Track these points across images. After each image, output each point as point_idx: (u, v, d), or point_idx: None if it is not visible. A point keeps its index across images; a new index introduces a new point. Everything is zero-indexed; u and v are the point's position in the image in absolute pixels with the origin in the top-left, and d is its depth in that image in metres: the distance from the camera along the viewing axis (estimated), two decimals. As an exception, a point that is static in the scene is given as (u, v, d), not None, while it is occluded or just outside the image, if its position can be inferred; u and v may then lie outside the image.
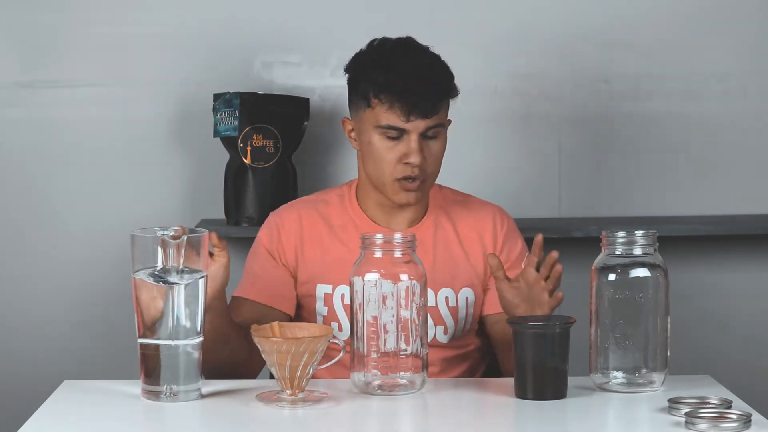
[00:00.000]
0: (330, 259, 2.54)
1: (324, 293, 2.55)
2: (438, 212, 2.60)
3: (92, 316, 3.31)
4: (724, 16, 3.32)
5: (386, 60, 2.48)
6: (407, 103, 2.44)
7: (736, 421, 1.96)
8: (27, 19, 3.28)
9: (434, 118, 2.46)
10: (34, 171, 3.31)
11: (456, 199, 2.64)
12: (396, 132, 2.46)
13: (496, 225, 2.60)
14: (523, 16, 3.30)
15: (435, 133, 2.49)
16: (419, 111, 2.44)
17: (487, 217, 2.61)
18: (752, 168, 3.35)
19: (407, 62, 2.48)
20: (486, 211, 2.63)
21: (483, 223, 2.60)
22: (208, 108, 3.19)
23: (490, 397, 2.25)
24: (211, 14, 3.29)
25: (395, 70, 2.46)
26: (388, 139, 2.47)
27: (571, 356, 2.16)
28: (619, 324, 2.18)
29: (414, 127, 2.45)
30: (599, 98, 3.32)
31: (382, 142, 2.48)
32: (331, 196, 2.62)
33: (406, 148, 2.47)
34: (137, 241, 2.14)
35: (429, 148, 2.48)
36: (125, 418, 2.09)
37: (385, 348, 2.17)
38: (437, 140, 2.50)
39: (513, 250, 2.60)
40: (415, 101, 2.43)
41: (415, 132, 2.46)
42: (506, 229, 2.61)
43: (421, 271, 2.19)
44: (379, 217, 2.58)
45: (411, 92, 2.43)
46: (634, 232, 2.20)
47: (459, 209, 2.62)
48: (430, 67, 2.49)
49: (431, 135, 2.48)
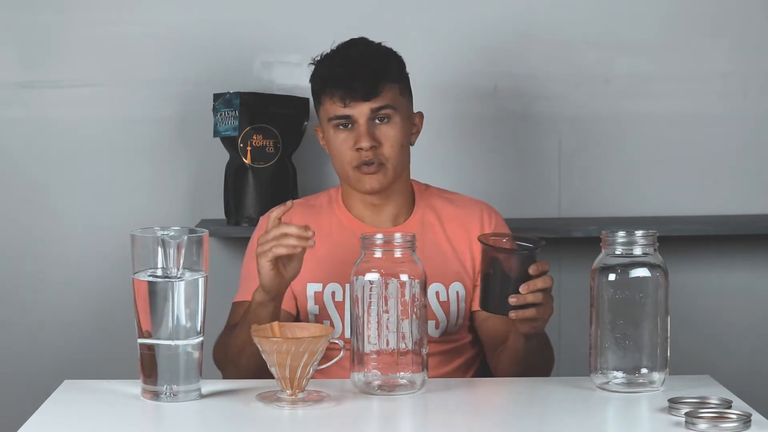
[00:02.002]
0: (319, 257, 2.56)
1: (314, 292, 2.57)
2: (424, 209, 2.63)
3: (92, 316, 3.31)
4: (724, 16, 3.32)
5: (329, 57, 2.59)
6: (343, 88, 2.52)
7: (736, 421, 1.96)
8: (27, 19, 3.28)
9: (377, 101, 2.53)
10: (34, 171, 3.31)
11: (442, 197, 2.66)
12: (344, 120, 2.54)
13: (483, 221, 2.62)
14: (523, 16, 3.30)
15: (385, 115, 2.54)
16: (357, 94, 2.52)
17: (474, 214, 2.63)
18: (752, 168, 3.35)
19: (344, 53, 2.57)
20: (473, 207, 2.65)
21: (470, 219, 2.62)
22: (208, 108, 3.19)
23: (489, 397, 2.25)
24: (211, 14, 3.29)
25: (333, 63, 2.56)
26: (340, 130, 2.55)
27: (571, 356, 2.16)
28: (619, 324, 2.18)
29: (359, 112, 2.53)
30: (599, 98, 3.32)
31: (336, 135, 2.55)
32: (321, 199, 2.68)
33: (356, 134, 2.53)
34: (137, 241, 2.14)
35: (381, 131, 2.54)
36: (125, 418, 2.09)
37: (385, 348, 2.17)
38: (390, 124, 2.55)
39: None
40: (350, 85, 2.51)
41: (361, 117, 2.53)
42: (494, 225, 2.63)
43: (420, 270, 2.19)
44: (365, 215, 2.61)
45: (346, 77, 2.52)
46: (634, 232, 2.20)
47: (446, 206, 2.64)
48: (366, 54, 2.57)
49: (381, 118, 2.54)
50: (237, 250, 3.20)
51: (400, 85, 2.58)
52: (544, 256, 2.31)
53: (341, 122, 2.54)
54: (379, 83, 2.53)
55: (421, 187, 2.67)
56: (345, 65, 2.54)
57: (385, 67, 2.57)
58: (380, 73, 2.54)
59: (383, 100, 2.54)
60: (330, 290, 2.56)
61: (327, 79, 2.55)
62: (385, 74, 2.55)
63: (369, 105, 2.53)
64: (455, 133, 3.28)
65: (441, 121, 3.27)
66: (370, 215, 2.62)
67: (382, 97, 2.54)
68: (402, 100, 2.58)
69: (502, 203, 2.98)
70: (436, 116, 3.24)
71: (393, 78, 2.57)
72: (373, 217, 2.62)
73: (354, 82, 2.52)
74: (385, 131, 2.55)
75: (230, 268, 3.01)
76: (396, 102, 2.56)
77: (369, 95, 2.52)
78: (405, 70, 2.62)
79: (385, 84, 2.54)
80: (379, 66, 2.56)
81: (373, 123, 2.54)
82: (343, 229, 2.59)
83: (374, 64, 2.55)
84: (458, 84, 3.26)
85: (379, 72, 2.55)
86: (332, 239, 2.58)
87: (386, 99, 2.54)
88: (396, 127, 2.55)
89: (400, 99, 2.57)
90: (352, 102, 2.52)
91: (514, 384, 2.36)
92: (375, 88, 2.53)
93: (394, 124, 2.55)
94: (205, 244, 2.16)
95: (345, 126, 2.54)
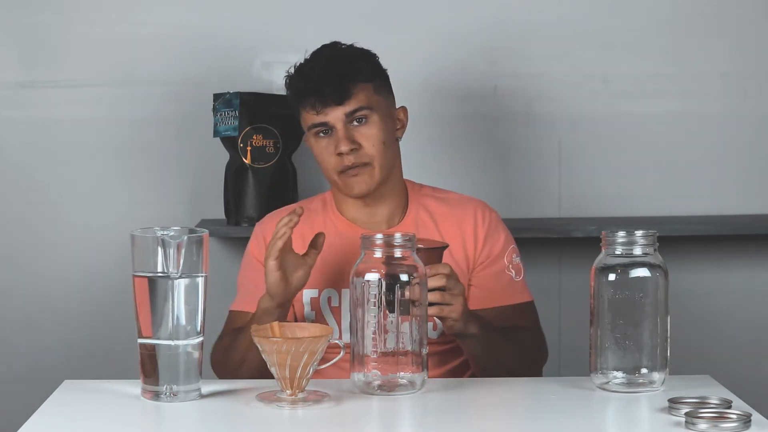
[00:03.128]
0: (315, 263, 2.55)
1: (310, 298, 2.57)
2: (418, 210, 2.62)
3: (92, 316, 3.31)
4: (724, 16, 3.32)
5: (300, 68, 2.57)
6: (314, 95, 2.51)
7: (736, 421, 1.96)
8: (27, 19, 3.28)
9: (350, 103, 2.52)
10: (34, 171, 3.31)
11: (436, 196, 2.65)
12: (322, 128, 2.53)
13: (477, 220, 2.61)
14: (523, 16, 3.30)
15: (362, 116, 2.53)
16: (329, 99, 2.51)
17: (468, 213, 2.62)
18: (752, 168, 3.35)
19: (313, 61, 2.56)
20: (467, 206, 2.63)
21: (464, 218, 2.61)
22: (208, 108, 3.19)
23: (489, 397, 2.25)
24: (211, 14, 3.29)
25: (303, 73, 2.55)
26: (320, 137, 2.55)
27: (571, 356, 2.16)
28: (619, 324, 2.18)
29: (333, 118, 2.52)
30: (599, 98, 3.32)
31: (318, 143, 2.55)
32: (315, 203, 2.67)
33: (335, 140, 2.53)
34: (137, 241, 2.14)
35: (360, 132, 2.53)
36: (125, 418, 2.09)
37: (385, 348, 2.17)
38: (368, 124, 2.54)
39: (495, 246, 2.60)
40: (320, 91, 2.50)
41: (338, 122, 2.52)
42: (488, 223, 2.61)
43: (420, 270, 2.19)
44: (358, 218, 2.61)
45: (315, 84, 2.51)
46: (634, 232, 2.20)
47: (439, 206, 2.63)
48: (334, 58, 2.55)
49: (359, 119, 2.53)
50: (237, 250, 3.20)
51: (374, 83, 2.56)
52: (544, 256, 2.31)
53: (320, 129, 2.53)
54: (349, 85, 2.51)
55: (415, 186, 2.66)
56: (313, 72, 2.53)
57: (353, 68, 2.54)
58: (349, 76, 2.52)
59: (356, 102, 2.52)
60: (326, 296, 2.56)
61: (299, 89, 2.54)
62: (355, 75, 2.53)
63: (342, 109, 2.52)
64: (455, 133, 3.28)
65: (441, 121, 3.27)
66: (364, 218, 2.61)
67: (355, 99, 2.52)
68: (377, 98, 2.55)
69: (502, 203, 2.98)
70: (435, 116, 3.24)
71: (364, 77, 2.54)
72: (367, 219, 2.61)
73: (323, 88, 2.50)
74: (363, 132, 2.53)
75: (230, 268, 3.01)
76: (371, 101, 2.54)
77: (340, 99, 2.51)
78: (379, 68, 2.59)
79: (355, 85, 2.52)
80: (348, 68, 2.53)
81: (351, 126, 2.53)
82: (337, 234, 2.58)
83: (342, 68, 2.53)
84: (458, 84, 3.25)
85: (348, 74, 2.53)
86: (327, 244, 2.56)
87: (359, 100, 2.52)
88: (375, 126, 2.54)
89: (375, 97, 2.55)
90: (325, 108, 2.51)
91: (514, 384, 2.36)
92: (345, 91, 2.51)
93: (372, 123, 2.54)
94: (205, 244, 2.16)
95: (325, 133, 2.54)
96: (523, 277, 2.61)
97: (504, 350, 2.47)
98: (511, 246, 2.61)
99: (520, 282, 2.61)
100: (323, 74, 2.51)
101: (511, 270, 2.60)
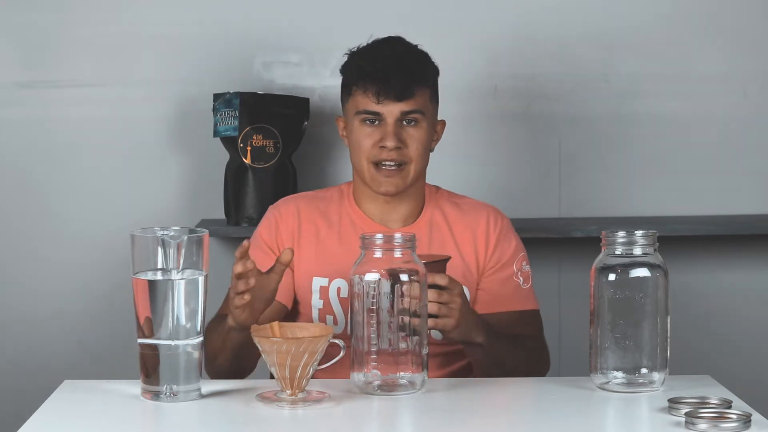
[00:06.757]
0: (326, 252, 2.57)
1: (320, 286, 2.57)
2: (434, 211, 2.62)
3: (92, 317, 3.31)
4: (724, 16, 3.32)
5: (366, 51, 2.57)
6: (378, 84, 2.51)
7: (736, 421, 1.96)
8: (27, 19, 3.28)
9: (409, 103, 2.52)
10: (33, 171, 3.31)
11: (451, 200, 2.66)
12: (372, 116, 2.53)
13: (489, 225, 2.61)
14: (523, 16, 3.30)
15: (413, 119, 2.54)
16: (391, 93, 2.51)
17: (481, 218, 2.62)
18: (752, 168, 3.35)
19: (383, 50, 2.56)
20: (480, 211, 2.64)
21: (476, 223, 2.62)
22: (208, 108, 3.19)
23: (489, 397, 2.25)
24: (211, 14, 3.29)
25: (371, 58, 2.54)
26: (366, 125, 2.54)
27: (571, 356, 2.16)
28: (619, 324, 2.18)
29: (389, 111, 2.52)
30: (599, 98, 3.32)
31: (362, 129, 2.55)
32: (331, 192, 2.67)
33: (382, 132, 2.53)
34: (137, 241, 2.14)
35: (408, 134, 2.54)
36: (125, 418, 2.09)
37: (385, 348, 2.17)
38: (417, 128, 2.54)
39: (506, 251, 2.61)
40: (386, 82, 2.50)
41: (390, 116, 2.52)
42: (500, 229, 2.62)
43: (421, 270, 2.19)
44: (375, 213, 2.61)
45: (382, 74, 2.51)
46: (634, 232, 2.20)
47: (455, 209, 2.63)
48: (404, 53, 2.56)
49: (409, 121, 2.53)
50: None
51: (431, 90, 2.57)
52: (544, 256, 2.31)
53: (369, 117, 2.53)
54: (413, 85, 2.52)
55: (432, 189, 2.67)
56: (383, 61, 2.53)
57: (421, 69, 2.56)
58: (416, 75, 2.53)
59: (415, 103, 2.53)
60: (336, 285, 2.56)
61: (363, 72, 2.53)
62: (421, 77, 2.54)
63: (401, 106, 2.52)
64: (455, 134, 3.28)
65: (441, 121, 3.27)
66: (381, 213, 2.61)
67: (415, 100, 2.52)
68: (431, 106, 2.57)
69: (503, 203, 2.97)
70: (436, 116, 3.24)
71: (427, 82, 2.56)
72: (384, 215, 2.61)
73: (390, 80, 2.50)
74: (411, 133, 2.54)
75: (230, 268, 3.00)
76: (426, 107, 2.55)
77: (402, 96, 2.51)
78: (437, 77, 2.60)
79: (419, 87, 2.53)
80: (417, 68, 2.55)
81: (401, 124, 2.53)
82: (351, 225, 2.59)
83: (412, 66, 2.54)
84: (458, 84, 3.25)
85: (416, 74, 2.54)
86: (340, 234, 2.58)
87: (417, 103, 2.53)
88: (422, 131, 2.55)
89: (429, 105, 2.56)
90: (385, 100, 2.51)
91: (514, 384, 2.36)
92: (409, 89, 2.52)
93: (420, 128, 2.55)
94: (205, 244, 2.16)
95: (372, 122, 2.54)
96: (531, 286, 2.61)
97: (509, 359, 2.47)
98: (522, 254, 2.61)
99: (527, 290, 2.61)
100: (393, 66, 2.52)
101: (519, 277, 2.60)
